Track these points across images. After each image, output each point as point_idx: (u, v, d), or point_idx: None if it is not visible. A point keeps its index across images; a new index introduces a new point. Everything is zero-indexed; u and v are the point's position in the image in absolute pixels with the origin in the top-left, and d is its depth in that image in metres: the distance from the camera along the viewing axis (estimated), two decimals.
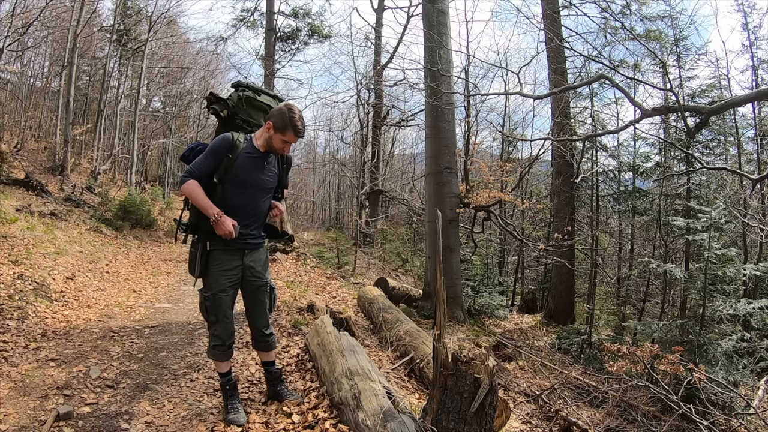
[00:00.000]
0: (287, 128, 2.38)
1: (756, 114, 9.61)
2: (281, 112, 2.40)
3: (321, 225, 22.99)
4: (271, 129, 2.40)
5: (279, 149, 2.46)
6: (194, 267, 2.46)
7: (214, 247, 2.44)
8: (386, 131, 18.67)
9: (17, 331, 3.85)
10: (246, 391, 3.00)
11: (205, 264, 2.44)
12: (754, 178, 4.92)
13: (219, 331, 2.52)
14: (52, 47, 16.51)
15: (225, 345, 2.54)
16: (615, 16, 10.01)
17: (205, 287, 2.49)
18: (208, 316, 2.50)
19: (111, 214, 10.80)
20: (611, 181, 11.21)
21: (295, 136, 2.41)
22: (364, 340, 4.56)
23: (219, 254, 2.45)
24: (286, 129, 2.39)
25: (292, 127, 2.38)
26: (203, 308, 2.50)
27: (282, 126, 2.39)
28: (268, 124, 2.42)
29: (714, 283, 5.59)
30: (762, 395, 4.84)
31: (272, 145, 2.44)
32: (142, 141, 19.47)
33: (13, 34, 10.96)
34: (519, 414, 3.96)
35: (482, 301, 9.66)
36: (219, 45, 18.45)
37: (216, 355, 2.58)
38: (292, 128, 2.38)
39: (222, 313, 2.48)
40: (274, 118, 2.40)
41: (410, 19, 15.65)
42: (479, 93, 10.22)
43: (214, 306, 2.46)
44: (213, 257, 2.44)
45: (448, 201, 7.98)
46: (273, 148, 2.46)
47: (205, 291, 2.47)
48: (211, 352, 2.59)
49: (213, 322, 2.51)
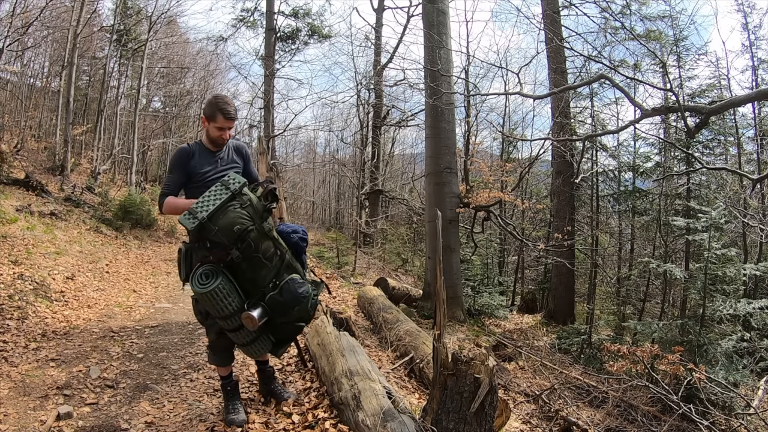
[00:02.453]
0: (215, 114, 2.43)
1: (756, 114, 9.61)
2: (209, 101, 2.49)
3: (321, 225, 22.97)
4: (205, 121, 2.48)
5: (218, 137, 2.49)
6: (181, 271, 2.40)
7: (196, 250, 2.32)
8: (386, 131, 18.66)
9: (17, 331, 3.85)
10: (246, 391, 3.00)
11: (189, 267, 2.32)
12: (754, 178, 4.91)
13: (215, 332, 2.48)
14: (52, 47, 16.50)
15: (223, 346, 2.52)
16: (615, 16, 10.01)
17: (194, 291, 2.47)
18: (204, 320, 2.46)
19: (111, 214, 10.79)
20: (611, 181, 11.21)
21: (225, 119, 2.43)
22: (364, 340, 4.56)
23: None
24: (215, 115, 2.43)
25: (220, 111, 2.42)
26: (197, 312, 2.48)
27: (211, 113, 2.44)
28: (203, 118, 2.51)
29: (714, 283, 5.59)
30: (762, 395, 4.84)
31: (210, 136, 2.49)
32: (142, 141, 19.46)
33: (13, 34, 10.95)
34: (519, 414, 3.96)
35: (482, 301, 9.66)
36: (219, 45, 18.50)
37: (215, 360, 2.58)
38: (220, 111, 2.42)
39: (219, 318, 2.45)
40: (204, 110, 2.50)
41: (410, 19, 15.65)
42: (479, 93, 10.23)
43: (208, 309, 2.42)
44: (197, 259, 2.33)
45: (448, 201, 7.98)
46: (214, 140, 2.50)
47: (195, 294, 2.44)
48: (209, 356, 2.59)
49: (210, 325, 2.47)
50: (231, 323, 2.21)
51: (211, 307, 2.17)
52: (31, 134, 15.47)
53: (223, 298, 2.13)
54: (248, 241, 2.11)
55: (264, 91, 16.12)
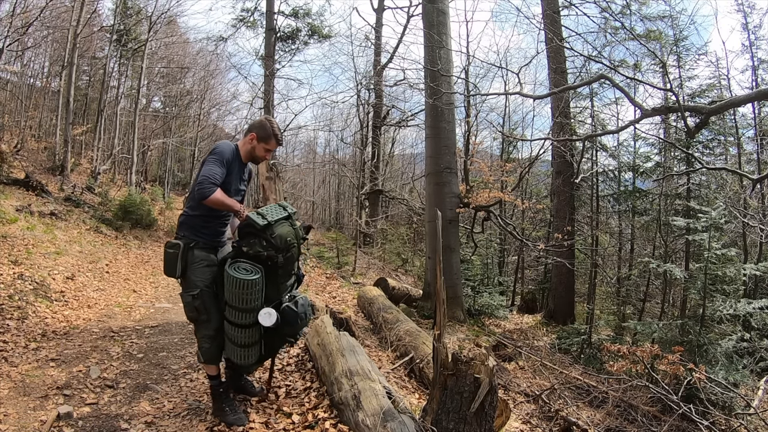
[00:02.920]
0: (270, 137, 2.64)
1: (756, 114, 9.61)
2: (262, 123, 2.67)
3: (321, 225, 22.97)
4: (255, 139, 2.63)
5: (262, 157, 2.69)
6: (176, 267, 2.50)
7: (195, 246, 2.52)
8: (386, 131, 18.66)
9: (17, 331, 3.85)
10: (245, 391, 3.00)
11: (185, 263, 2.50)
12: (754, 178, 4.91)
13: (213, 328, 2.53)
14: (52, 47, 16.50)
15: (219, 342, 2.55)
16: (615, 16, 10.01)
17: (189, 287, 2.51)
18: (199, 315, 2.51)
19: (111, 214, 10.79)
20: (611, 181, 11.20)
21: (276, 143, 2.67)
22: (364, 340, 4.56)
23: (199, 252, 2.54)
24: (269, 138, 2.64)
25: (275, 136, 2.65)
26: (192, 308, 2.50)
27: (265, 135, 2.63)
28: (251, 135, 2.63)
29: (714, 283, 5.59)
30: (762, 395, 4.84)
31: (255, 154, 2.66)
32: (142, 141, 19.45)
33: (13, 34, 10.94)
34: (519, 414, 3.96)
35: (482, 301, 9.66)
36: (219, 45, 18.48)
37: (212, 356, 2.57)
38: (275, 137, 2.65)
39: (213, 309, 2.52)
40: (257, 130, 2.64)
41: (410, 19, 15.65)
42: (479, 93, 10.23)
43: (204, 302, 2.50)
44: (195, 255, 2.52)
45: (448, 201, 7.98)
46: (255, 157, 2.68)
47: (192, 290, 2.50)
48: (206, 354, 2.57)
49: (205, 320, 2.52)
50: (247, 318, 2.41)
51: (242, 296, 2.36)
52: (31, 134, 15.48)
53: (257, 291, 2.39)
54: (291, 254, 2.50)
55: (264, 91, 16.12)
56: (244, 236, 2.47)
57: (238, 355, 2.52)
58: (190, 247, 2.52)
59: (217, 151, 2.52)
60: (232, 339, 2.48)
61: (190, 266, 2.52)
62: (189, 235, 2.54)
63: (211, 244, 2.60)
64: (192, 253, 2.52)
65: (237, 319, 2.42)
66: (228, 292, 2.40)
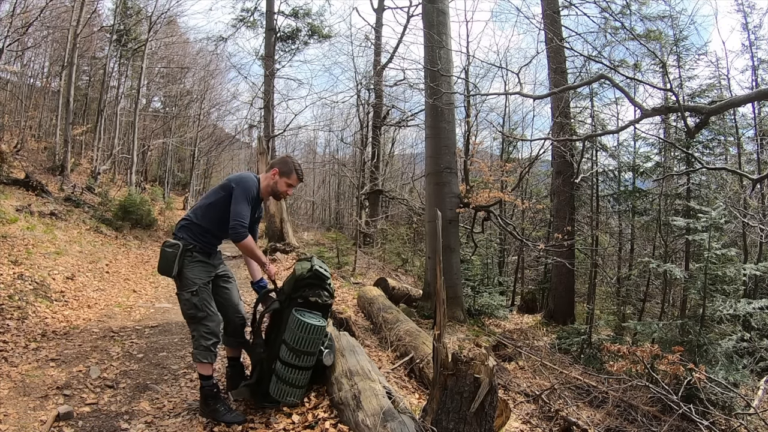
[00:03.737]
0: (292, 172, 2.74)
1: (756, 114, 9.61)
2: (284, 160, 2.78)
3: (321, 225, 22.97)
4: (277, 174, 2.72)
5: (283, 193, 2.76)
6: (172, 266, 2.55)
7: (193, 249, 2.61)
8: (386, 131, 18.67)
9: (17, 331, 3.85)
10: None
11: (182, 263, 2.57)
12: (754, 178, 4.91)
13: (212, 325, 2.57)
14: (52, 47, 16.50)
15: (217, 339, 2.60)
16: (615, 16, 10.00)
17: (187, 285, 2.57)
18: (198, 312, 2.56)
19: (111, 214, 10.80)
20: (611, 181, 11.20)
21: (298, 179, 2.77)
22: (364, 340, 4.56)
23: (197, 253, 2.63)
24: (291, 173, 2.74)
25: (296, 172, 2.75)
26: (191, 306, 2.55)
27: (287, 171, 2.73)
28: (273, 171, 2.73)
29: (714, 283, 5.59)
30: (762, 395, 4.84)
31: (277, 189, 2.74)
32: (142, 141, 19.47)
33: (13, 34, 10.95)
34: (519, 414, 3.96)
35: (482, 301, 9.66)
36: (219, 45, 18.51)
37: (210, 354, 2.58)
38: (296, 172, 2.75)
39: (211, 306, 2.60)
40: (279, 165, 2.74)
41: (410, 19, 15.66)
42: (479, 93, 10.23)
43: (202, 299, 2.56)
44: (193, 256, 2.61)
45: (448, 201, 7.98)
46: (277, 192, 2.75)
47: (190, 287, 2.56)
48: (203, 353, 2.56)
49: (203, 317, 2.56)
50: (309, 360, 2.59)
51: (311, 340, 2.53)
52: (31, 134, 15.48)
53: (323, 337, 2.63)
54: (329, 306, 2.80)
55: (264, 91, 16.13)
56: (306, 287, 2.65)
57: (286, 393, 2.59)
58: (188, 249, 2.60)
59: (245, 187, 2.58)
60: (286, 379, 2.56)
61: (187, 266, 2.58)
62: (188, 239, 2.62)
63: (207, 250, 2.68)
64: (190, 254, 2.60)
65: (298, 362, 2.54)
66: (294, 336, 2.52)
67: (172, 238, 2.65)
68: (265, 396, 2.64)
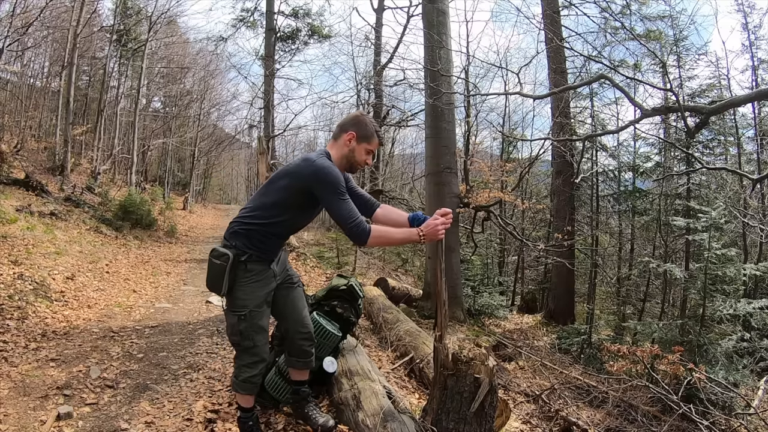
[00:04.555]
0: (372, 136, 2.12)
1: (756, 114, 9.62)
2: (360, 120, 2.14)
3: (321, 225, 22.96)
4: (354, 140, 2.09)
5: (362, 162, 2.14)
6: (221, 282, 2.02)
7: (247, 259, 2.05)
8: (386, 131, 18.64)
9: (17, 331, 3.85)
10: None
11: (233, 278, 2.04)
12: (754, 178, 4.92)
13: (257, 359, 2.13)
14: (52, 47, 16.51)
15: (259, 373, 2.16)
16: (615, 16, 10.01)
17: (236, 306, 2.06)
18: (243, 341, 2.08)
19: (111, 214, 10.80)
20: (611, 181, 11.21)
21: (379, 143, 2.17)
22: (364, 340, 4.56)
23: (253, 265, 2.06)
24: (372, 137, 2.12)
25: (377, 134, 2.14)
26: (236, 332, 2.08)
27: (368, 134, 2.11)
28: (349, 135, 2.09)
29: (714, 283, 5.59)
30: (762, 395, 4.84)
31: (354, 158, 2.12)
32: (142, 141, 19.48)
33: (13, 34, 10.96)
34: (519, 414, 3.96)
35: (482, 301, 9.66)
36: (219, 45, 18.47)
37: (249, 387, 2.16)
38: (377, 135, 2.14)
39: (261, 336, 2.11)
40: (355, 128, 2.10)
41: (410, 19, 15.63)
42: (479, 93, 10.24)
43: (252, 326, 2.07)
44: (247, 269, 2.05)
45: (448, 201, 7.97)
46: (355, 162, 2.13)
47: (239, 310, 2.05)
48: (242, 385, 2.15)
49: (249, 347, 2.09)
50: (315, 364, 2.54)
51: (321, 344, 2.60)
52: (31, 134, 15.48)
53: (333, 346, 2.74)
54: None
55: (264, 91, 16.11)
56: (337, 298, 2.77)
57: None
58: (242, 261, 2.03)
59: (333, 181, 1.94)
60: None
61: (239, 281, 2.04)
62: (242, 246, 2.04)
63: (268, 257, 2.11)
64: (244, 266, 2.04)
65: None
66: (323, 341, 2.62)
67: (221, 245, 2.09)
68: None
